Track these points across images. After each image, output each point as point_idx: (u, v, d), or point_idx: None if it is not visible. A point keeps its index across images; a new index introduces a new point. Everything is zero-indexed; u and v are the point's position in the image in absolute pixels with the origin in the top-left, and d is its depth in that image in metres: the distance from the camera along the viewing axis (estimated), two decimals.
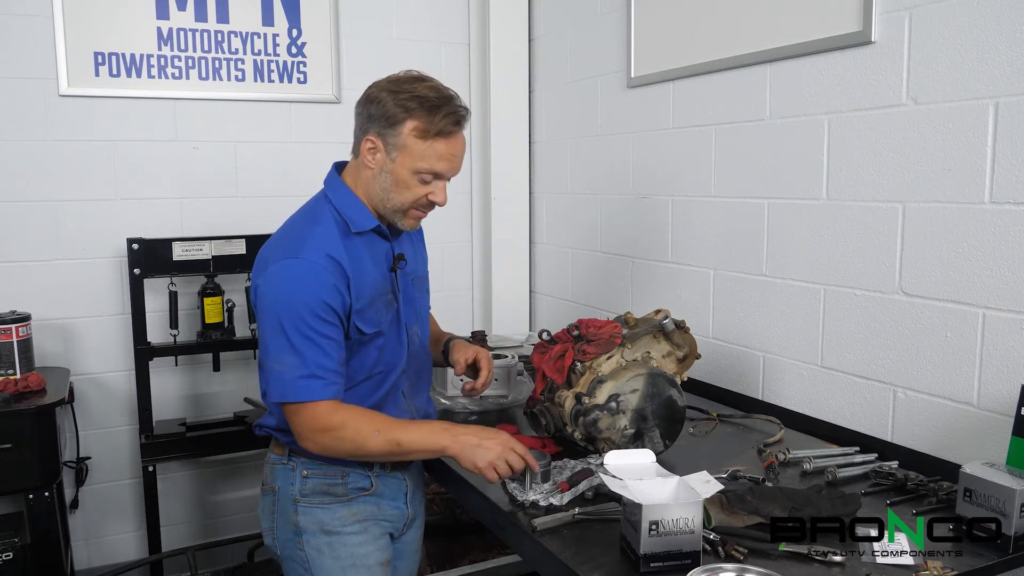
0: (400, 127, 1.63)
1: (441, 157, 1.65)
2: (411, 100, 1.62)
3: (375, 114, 1.65)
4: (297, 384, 1.59)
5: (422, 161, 1.64)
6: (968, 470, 1.47)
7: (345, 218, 1.70)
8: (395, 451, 1.64)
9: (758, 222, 2.28)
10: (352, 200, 1.72)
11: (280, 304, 1.60)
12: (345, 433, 1.61)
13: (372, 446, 1.62)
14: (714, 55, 2.39)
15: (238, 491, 3.32)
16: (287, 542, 1.77)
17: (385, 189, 1.69)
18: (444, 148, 1.65)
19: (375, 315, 1.70)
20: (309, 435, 1.62)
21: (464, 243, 3.64)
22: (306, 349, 1.59)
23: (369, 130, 1.67)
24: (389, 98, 1.63)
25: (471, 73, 3.54)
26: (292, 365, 1.59)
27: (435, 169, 1.66)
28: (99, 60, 2.94)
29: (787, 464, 1.85)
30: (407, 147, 1.63)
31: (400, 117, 1.62)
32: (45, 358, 2.92)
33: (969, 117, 1.72)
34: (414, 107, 1.62)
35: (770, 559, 1.38)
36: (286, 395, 1.61)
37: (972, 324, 1.74)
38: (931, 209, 1.81)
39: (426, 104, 1.62)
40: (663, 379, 1.85)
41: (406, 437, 1.64)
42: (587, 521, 1.53)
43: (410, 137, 1.63)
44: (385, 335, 1.74)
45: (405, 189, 1.68)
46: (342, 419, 1.62)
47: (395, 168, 1.66)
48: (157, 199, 3.07)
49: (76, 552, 3.06)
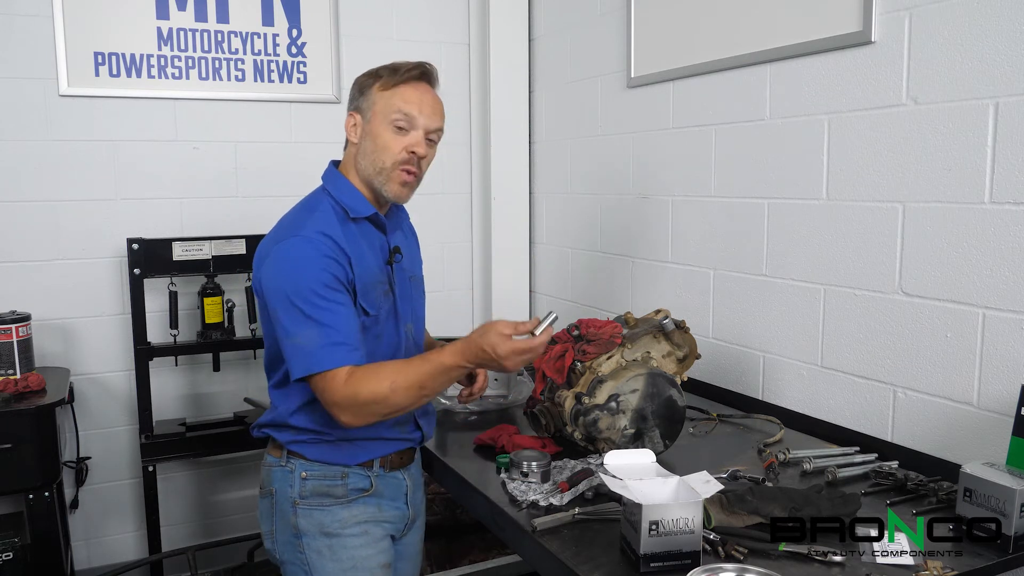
0: (369, 91, 1.74)
1: (408, 100, 1.71)
2: (380, 69, 1.75)
3: (353, 95, 1.78)
4: (322, 354, 1.56)
5: (390, 109, 1.71)
6: (968, 470, 1.47)
7: (343, 205, 1.72)
8: (421, 394, 1.59)
9: (758, 222, 2.28)
10: (348, 187, 1.75)
11: (287, 282, 1.60)
12: (363, 398, 1.55)
13: (398, 400, 1.57)
14: (714, 55, 2.39)
15: (238, 491, 3.32)
16: (287, 545, 1.76)
17: (368, 154, 1.73)
18: (410, 92, 1.72)
19: (375, 299, 1.71)
20: (336, 409, 1.57)
21: (464, 243, 3.64)
22: (324, 318, 1.58)
23: (350, 109, 1.78)
24: (363, 78, 1.77)
25: (471, 73, 3.54)
26: (312, 337, 1.57)
27: (405, 111, 1.71)
28: (99, 60, 2.94)
29: (787, 464, 1.85)
30: (376, 103, 1.72)
31: (369, 83, 1.75)
32: (45, 358, 2.92)
33: (969, 117, 1.72)
34: (380, 71, 1.74)
35: (770, 559, 1.38)
36: (311, 366, 1.56)
37: (972, 324, 1.74)
38: (931, 209, 1.81)
39: (391, 66, 1.74)
40: (663, 379, 1.85)
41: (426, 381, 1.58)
42: (587, 521, 1.53)
43: (377, 93, 1.73)
44: (383, 323, 1.74)
45: (385, 147, 1.71)
46: (355, 386, 1.55)
47: (372, 128, 1.73)
48: (157, 199, 3.07)
49: (76, 552, 3.06)
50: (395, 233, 1.83)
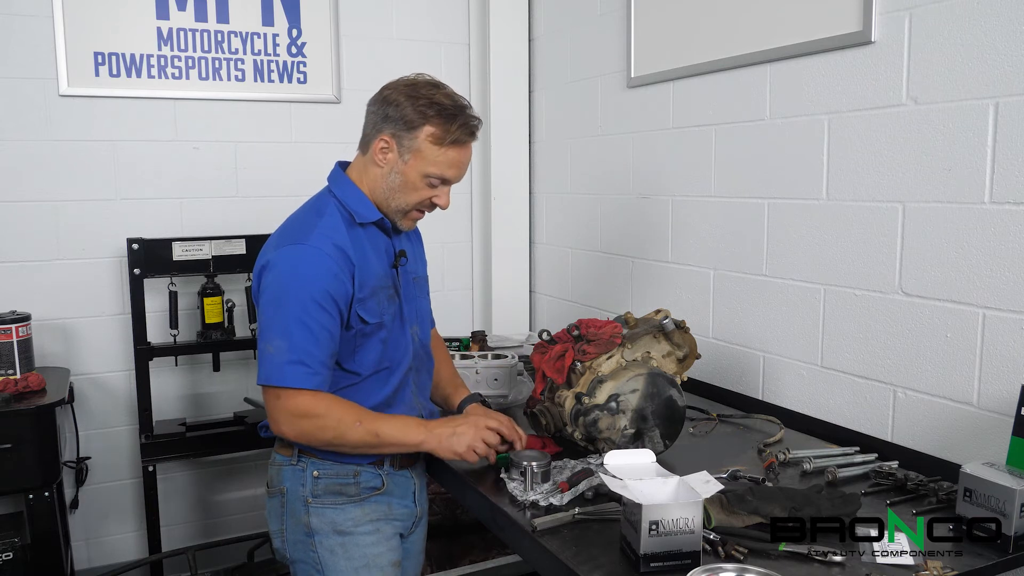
0: (417, 131, 1.67)
1: (452, 164, 1.70)
2: (430, 107, 1.66)
3: (392, 116, 1.69)
4: (284, 369, 1.61)
5: (434, 167, 1.69)
6: (968, 470, 1.47)
7: (350, 210, 1.73)
8: (373, 443, 1.67)
9: (758, 222, 2.28)
10: (356, 193, 1.75)
11: (283, 288, 1.62)
12: (327, 421, 1.64)
13: (352, 436, 1.65)
14: (714, 55, 2.39)
15: (238, 491, 3.32)
16: (298, 544, 1.76)
17: (392, 188, 1.72)
18: (456, 156, 1.70)
19: (377, 306, 1.72)
20: (287, 420, 1.64)
21: (464, 243, 3.64)
22: (298, 335, 1.60)
23: (384, 130, 1.70)
24: (407, 102, 1.67)
25: (471, 73, 3.54)
26: (281, 349, 1.61)
27: (445, 175, 1.71)
28: (99, 60, 2.94)
29: (787, 464, 1.85)
30: (421, 151, 1.68)
31: (418, 122, 1.66)
32: (45, 358, 2.92)
33: (969, 117, 1.72)
34: (432, 114, 1.66)
35: (770, 559, 1.38)
36: (271, 378, 1.62)
37: (972, 324, 1.74)
38: (931, 209, 1.81)
39: (444, 112, 1.66)
40: (663, 379, 1.85)
41: (385, 430, 1.67)
42: (587, 521, 1.53)
43: (426, 142, 1.67)
44: (388, 328, 1.75)
45: (412, 191, 1.72)
46: (326, 407, 1.64)
47: (406, 170, 1.70)
48: (157, 199, 3.07)
49: (76, 552, 3.06)
50: (400, 235, 1.84)
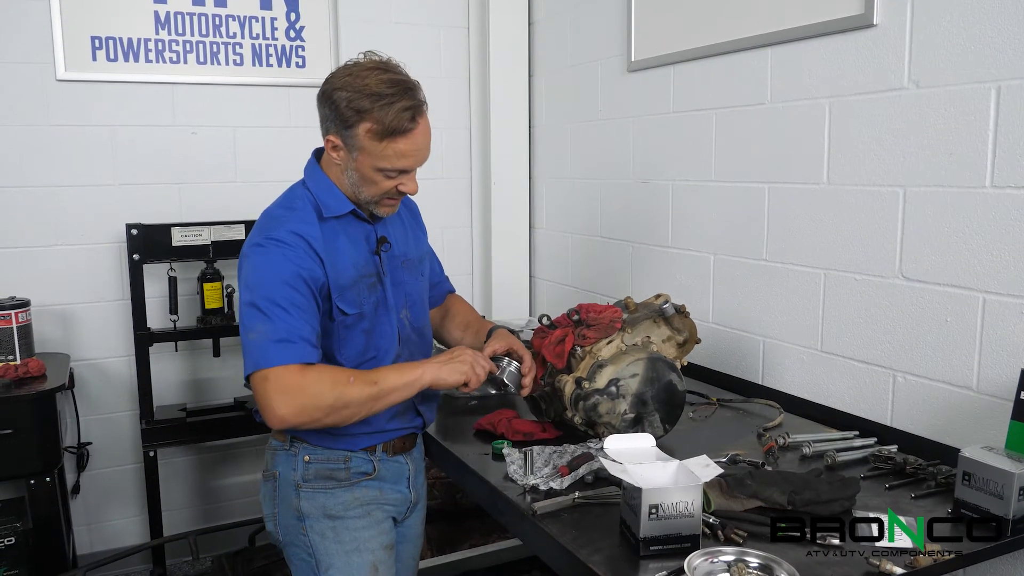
0: (354, 129, 1.61)
1: (401, 155, 1.63)
2: (363, 99, 1.59)
3: (330, 115, 1.65)
4: (268, 350, 1.55)
5: (382, 161, 1.63)
6: (967, 454, 1.48)
7: (319, 203, 1.70)
8: (375, 393, 1.60)
9: (758, 207, 2.27)
10: (327, 185, 1.72)
11: (252, 279, 1.62)
12: (321, 387, 1.56)
13: (352, 393, 1.57)
14: (715, 39, 2.38)
15: (239, 476, 3.34)
16: (289, 528, 1.78)
17: (354, 184, 1.70)
18: (403, 146, 1.62)
19: (356, 296, 1.70)
20: (283, 401, 1.53)
21: (464, 228, 3.64)
22: (276, 316, 1.57)
23: (329, 129, 1.67)
24: (343, 97, 1.61)
25: (470, 57, 3.52)
26: (263, 332, 1.57)
27: (397, 167, 1.65)
28: (96, 44, 2.92)
29: (786, 448, 1.85)
30: (365, 148, 1.62)
31: (353, 120, 1.60)
32: (45, 344, 2.92)
33: (971, 101, 1.72)
34: (366, 107, 1.59)
35: (767, 541, 1.39)
36: (259, 362, 1.55)
37: (972, 308, 1.74)
38: (932, 193, 1.81)
39: (379, 103, 1.58)
40: (663, 364, 1.85)
41: (381, 376, 1.63)
42: (587, 505, 1.54)
43: (366, 139, 1.61)
44: (370, 318, 1.73)
45: (372, 184, 1.68)
46: (316, 376, 1.57)
47: (358, 167, 1.66)
48: (156, 184, 3.06)
49: (78, 537, 3.07)
50: (383, 220, 1.81)
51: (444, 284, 2.12)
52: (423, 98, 1.65)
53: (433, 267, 2.05)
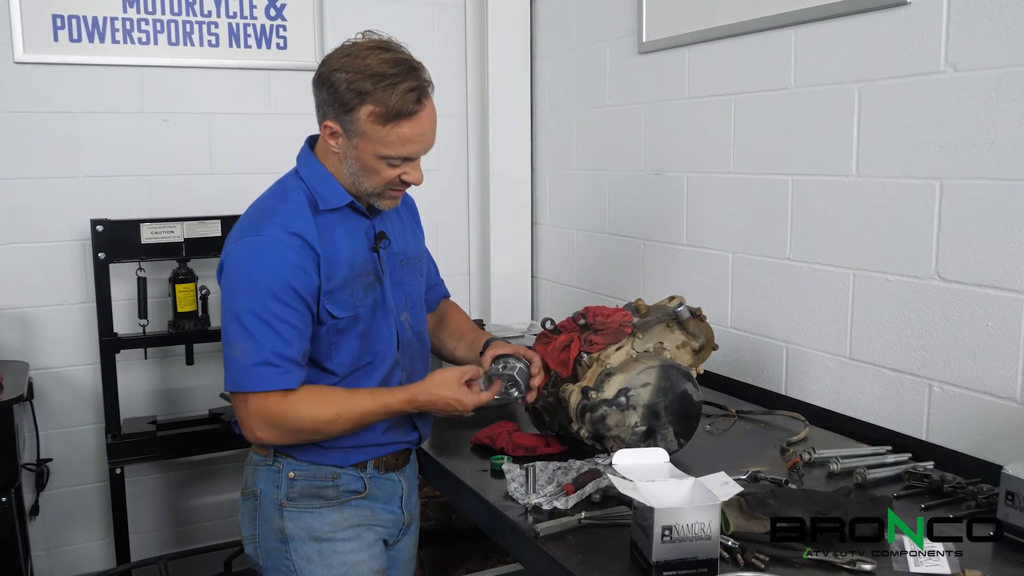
0: (355, 113, 1.61)
1: (406, 141, 1.63)
2: (364, 80, 1.59)
3: (328, 99, 1.64)
4: (251, 372, 1.61)
5: (385, 147, 1.63)
6: (1010, 471, 1.47)
7: (315, 194, 1.70)
8: (360, 428, 1.72)
9: (781, 201, 2.28)
10: (323, 175, 1.72)
11: (239, 286, 1.62)
12: (301, 424, 1.65)
13: (334, 431, 1.69)
14: (734, 17, 2.38)
15: (214, 495, 3.33)
16: (271, 551, 1.77)
17: (353, 173, 1.69)
18: (408, 131, 1.62)
19: (348, 298, 1.70)
20: (260, 426, 1.64)
21: (460, 224, 3.64)
22: (261, 335, 1.60)
23: (326, 115, 1.67)
24: (342, 79, 1.61)
25: (467, 38, 3.52)
26: (246, 352, 1.60)
27: (400, 154, 1.65)
28: (58, 24, 2.92)
29: (812, 464, 1.85)
30: (366, 134, 1.62)
31: (354, 102, 1.60)
32: (2, 351, 2.92)
33: (1015, 85, 1.72)
34: (368, 89, 1.59)
35: (793, 567, 1.39)
36: (240, 383, 1.62)
37: (1016, 312, 1.74)
38: (971, 186, 1.81)
39: (381, 83, 1.58)
40: (677, 372, 1.85)
41: (366, 411, 1.70)
42: (594, 526, 1.54)
43: (367, 123, 1.61)
44: (365, 321, 1.74)
45: (374, 174, 1.68)
46: (298, 408, 1.64)
47: (359, 155, 1.66)
48: (123, 176, 3.06)
49: (37, 563, 3.07)
50: (381, 215, 1.81)
51: (440, 287, 2.12)
52: (428, 78, 1.65)
53: (430, 268, 2.05)
